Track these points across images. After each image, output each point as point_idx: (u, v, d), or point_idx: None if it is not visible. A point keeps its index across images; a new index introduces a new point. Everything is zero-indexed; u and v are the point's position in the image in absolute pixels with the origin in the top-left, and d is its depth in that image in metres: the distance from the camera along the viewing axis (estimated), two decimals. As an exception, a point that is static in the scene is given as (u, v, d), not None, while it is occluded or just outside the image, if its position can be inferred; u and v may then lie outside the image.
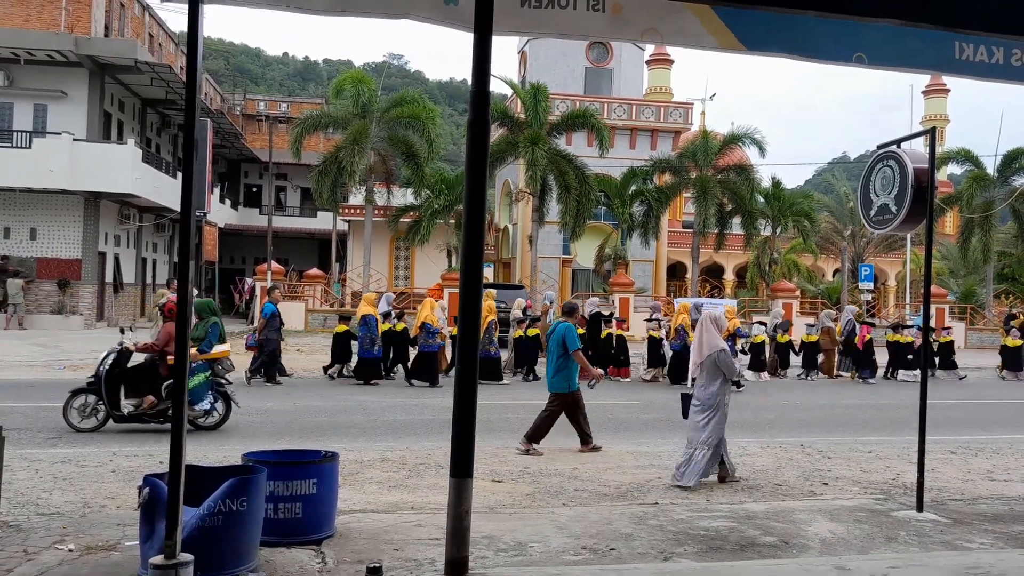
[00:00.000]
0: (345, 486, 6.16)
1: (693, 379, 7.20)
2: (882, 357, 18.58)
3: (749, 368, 17.11)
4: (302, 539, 4.73)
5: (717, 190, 29.25)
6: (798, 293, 31.05)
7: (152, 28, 35.01)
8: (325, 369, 15.17)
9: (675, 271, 40.61)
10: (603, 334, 16.42)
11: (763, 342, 17.80)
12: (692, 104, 36.44)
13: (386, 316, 15.10)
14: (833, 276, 42.08)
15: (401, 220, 30.69)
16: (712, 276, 40.84)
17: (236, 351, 13.98)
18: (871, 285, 30.09)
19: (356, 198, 32.86)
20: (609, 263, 31.66)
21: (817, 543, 5.19)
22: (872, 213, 6.27)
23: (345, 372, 14.97)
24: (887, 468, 7.90)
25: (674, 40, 4.82)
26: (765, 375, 17.42)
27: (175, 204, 24.34)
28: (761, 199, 31.12)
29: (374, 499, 6.13)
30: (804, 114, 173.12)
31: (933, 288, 25.69)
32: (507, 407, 11.57)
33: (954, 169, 40.19)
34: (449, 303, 26.64)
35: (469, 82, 4.29)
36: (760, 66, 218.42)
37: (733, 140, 29.83)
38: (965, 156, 31.59)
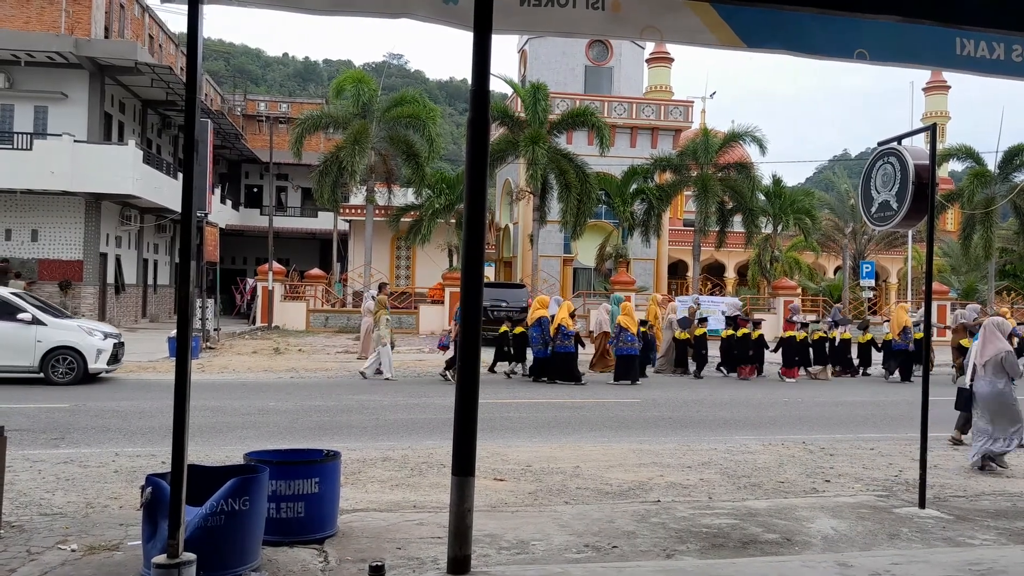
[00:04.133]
0: (347, 485, 6.16)
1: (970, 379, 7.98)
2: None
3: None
4: (304, 538, 4.73)
5: (718, 188, 29.24)
6: (799, 291, 31.03)
7: (152, 29, 35.04)
8: (503, 370, 16.02)
9: (676, 269, 40.61)
10: (740, 333, 17.10)
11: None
12: (692, 102, 36.43)
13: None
14: (835, 273, 42.06)
15: (402, 220, 30.70)
16: (713, 274, 40.83)
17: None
18: (872, 282, 30.08)
19: (357, 198, 32.88)
20: (610, 261, 31.67)
21: (819, 540, 5.19)
22: (873, 210, 6.27)
23: (519, 371, 15.96)
24: (889, 465, 7.89)
25: (674, 37, 4.82)
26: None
27: (176, 205, 24.38)
28: (762, 197, 31.10)
29: (376, 498, 6.14)
30: (805, 111, 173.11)
31: (935, 285, 25.73)
32: (507, 406, 11.58)
33: (955, 166, 40.15)
34: (451, 303, 26.71)
35: (469, 81, 4.29)
36: (760, 63, 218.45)
37: (734, 138, 29.82)
38: (966, 153, 31.53)
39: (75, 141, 24.38)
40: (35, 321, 12.89)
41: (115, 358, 13.65)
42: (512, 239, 35.90)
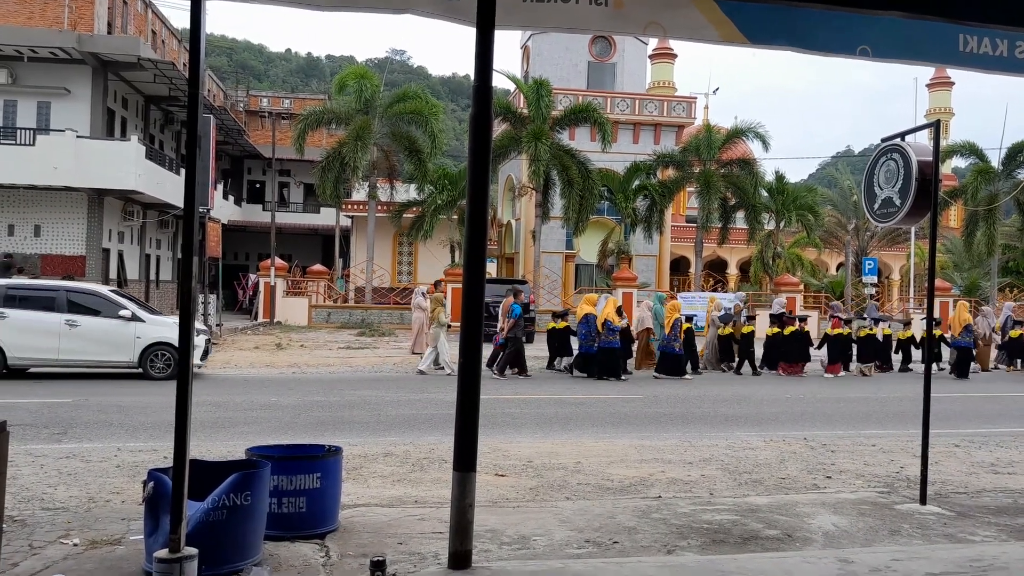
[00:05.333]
0: (349, 480, 6.17)
1: None
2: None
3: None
4: (306, 533, 4.74)
5: (720, 184, 29.22)
6: (802, 287, 31.00)
7: (155, 25, 35.04)
8: (549, 364, 16.41)
9: (678, 266, 40.57)
10: (787, 331, 17.24)
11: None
12: (695, 98, 36.40)
13: None
14: (837, 270, 42.00)
15: (404, 216, 30.71)
16: (715, 270, 40.79)
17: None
18: (875, 279, 30.03)
19: (359, 194, 32.90)
20: (612, 258, 31.66)
21: (820, 536, 5.19)
22: (876, 206, 6.25)
23: (562, 366, 16.26)
24: (890, 461, 7.89)
25: (676, 33, 4.81)
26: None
27: (179, 200, 24.43)
28: (765, 193, 31.07)
29: (378, 493, 6.15)
30: (811, 107, 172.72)
31: (937, 282, 25.82)
32: (510, 402, 11.59)
33: (958, 162, 40.08)
34: (453, 299, 26.72)
35: (472, 77, 4.29)
36: (763, 59, 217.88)
37: (736, 134, 29.77)
38: (969, 149, 31.45)
39: (78, 137, 24.41)
40: (134, 318, 13.18)
41: (205, 354, 14.03)
42: (514, 235, 35.89)
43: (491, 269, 32.87)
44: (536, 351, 17.72)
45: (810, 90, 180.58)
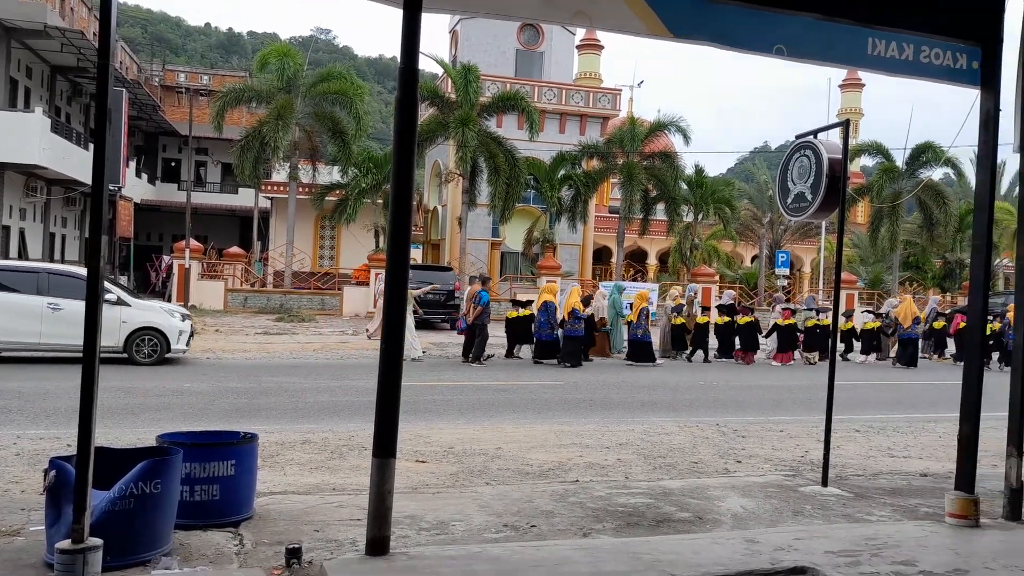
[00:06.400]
0: (265, 468, 6.06)
1: None
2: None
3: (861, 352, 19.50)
4: (219, 521, 4.63)
5: (643, 176, 29.76)
6: (717, 278, 31.92)
7: (62, -10, 33.19)
8: (508, 353, 16.50)
9: (600, 255, 41.18)
10: (742, 320, 18.00)
11: (873, 328, 19.67)
12: (621, 90, 36.92)
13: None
14: (751, 262, 43.40)
15: (327, 199, 30.13)
16: (636, 260, 41.58)
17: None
18: (787, 271, 31.21)
19: (280, 175, 32.10)
20: (537, 246, 31.90)
21: (729, 518, 5.39)
22: (789, 201, 6.49)
23: (520, 354, 16.37)
24: (797, 446, 8.24)
25: (603, 23, 4.88)
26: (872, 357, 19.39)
27: (87, 177, 23.30)
28: (684, 186, 31.81)
29: (295, 481, 6.05)
30: (728, 103, 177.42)
31: (844, 275, 27.05)
32: (432, 388, 11.57)
33: (866, 161, 41.91)
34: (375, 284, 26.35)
35: (398, 59, 4.23)
36: (687, 55, 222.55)
37: (659, 127, 30.35)
38: (876, 149, 33.05)
39: (-25, 106, 22.98)
40: (120, 302, 12.77)
41: (190, 337, 13.71)
42: (440, 221, 35.72)
43: (416, 255, 32.64)
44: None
45: (731, 86, 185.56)
